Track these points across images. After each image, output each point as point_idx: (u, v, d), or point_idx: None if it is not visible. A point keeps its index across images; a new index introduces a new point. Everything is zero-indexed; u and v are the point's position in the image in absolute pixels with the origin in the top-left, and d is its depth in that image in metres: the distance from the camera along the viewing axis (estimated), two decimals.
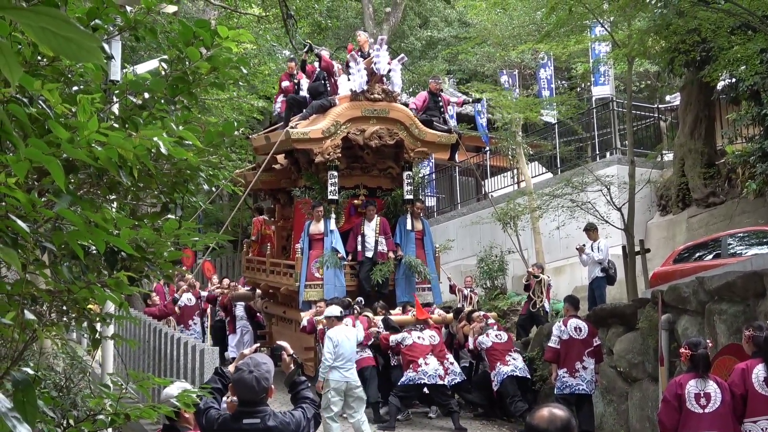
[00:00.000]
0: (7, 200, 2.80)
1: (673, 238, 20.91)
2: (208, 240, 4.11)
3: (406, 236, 18.04)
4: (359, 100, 17.66)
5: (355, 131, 17.61)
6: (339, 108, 17.70)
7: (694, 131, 21.25)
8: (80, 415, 5.56)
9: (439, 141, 18.61)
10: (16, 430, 2.11)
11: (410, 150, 18.09)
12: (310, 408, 5.95)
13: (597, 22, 20.32)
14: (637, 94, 28.71)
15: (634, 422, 13.40)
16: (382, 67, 17.48)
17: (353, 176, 18.59)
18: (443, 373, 14.75)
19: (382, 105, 17.73)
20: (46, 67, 3.56)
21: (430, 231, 19.33)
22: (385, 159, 18.68)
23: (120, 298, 3.66)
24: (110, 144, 2.90)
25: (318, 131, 17.30)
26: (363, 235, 17.67)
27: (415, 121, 18.09)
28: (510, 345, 15.45)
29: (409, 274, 17.70)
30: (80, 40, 1.62)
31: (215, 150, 4.18)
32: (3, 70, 1.72)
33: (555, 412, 3.89)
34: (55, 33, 1.61)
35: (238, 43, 3.98)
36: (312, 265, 17.33)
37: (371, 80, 17.61)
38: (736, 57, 15.67)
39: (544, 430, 3.81)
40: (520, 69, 27.80)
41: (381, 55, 17.48)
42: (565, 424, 3.84)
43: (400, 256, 17.70)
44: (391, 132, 17.81)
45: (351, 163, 18.50)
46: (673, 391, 8.43)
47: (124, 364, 13.40)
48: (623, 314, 14.12)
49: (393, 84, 17.99)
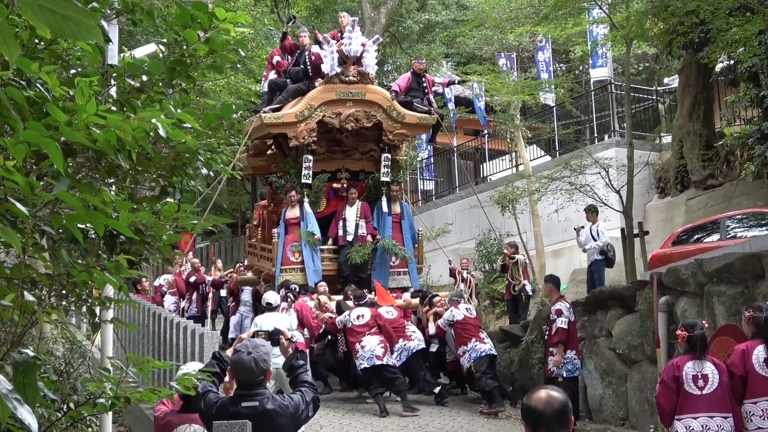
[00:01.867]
0: (6, 183, 2.80)
1: (672, 220, 20.91)
2: (206, 223, 4.10)
3: (382, 219, 18.01)
4: (334, 83, 17.57)
5: (330, 114, 17.51)
6: (313, 92, 17.64)
7: (692, 113, 21.23)
8: (80, 399, 5.55)
9: (419, 122, 18.47)
10: (17, 411, 2.11)
11: (389, 132, 17.95)
12: (309, 391, 5.94)
13: (595, 4, 20.32)
14: (635, 77, 28.70)
15: (633, 404, 13.44)
16: (353, 49, 17.39)
17: (334, 160, 18.52)
18: (381, 353, 14.49)
19: (358, 87, 17.65)
20: (44, 50, 3.55)
21: (410, 214, 19.19)
22: (366, 142, 18.56)
23: (119, 281, 3.66)
24: (109, 126, 2.89)
25: (291, 115, 17.24)
26: (344, 219, 17.69)
27: (393, 103, 17.97)
28: (480, 322, 15.45)
29: (386, 257, 17.65)
30: (79, 18, 1.61)
31: (214, 133, 4.18)
32: (1, 49, 1.71)
33: (552, 393, 3.89)
34: (53, 11, 1.60)
35: (236, 25, 3.96)
36: (287, 249, 17.33)
37: (345, 63, 17.54)
38: (734, 39, 15.64)
39: (541, 411, 3.81)
40: (518, 52, 27.74)
41: (354, 37, 17.42)
42: (563, 406, 3.84)
43: (377, 240, 17.65)
44: (368, 114, 17.72)
45: (331, 146, 18.44)
46: (670, 374, 8.42)
47: (123, 348, 13.41)
48: (622, 296, 14.12)
49: (367, 66, 17.81)
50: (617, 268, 18.43)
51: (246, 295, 19.26)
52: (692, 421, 8.15)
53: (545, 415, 3.79)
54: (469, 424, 13.61)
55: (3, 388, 2.14)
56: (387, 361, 14.54)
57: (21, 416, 2.13)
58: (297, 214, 17.46)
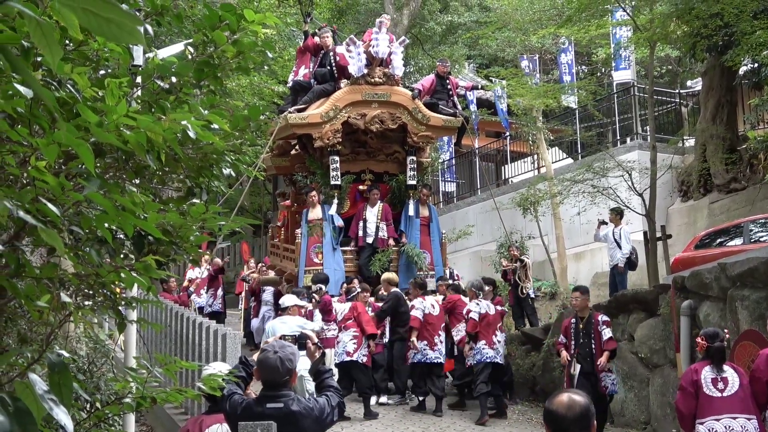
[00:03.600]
0: (37, 184, 2.81)
1: (695, 223, 20.83)
2: (233, 225, 4.11)
3: (410, 222, 17.94)
4: (359, 84, 17.54)
5: (355, 116, 17.51)
6: (339, 92, 17.63)
7: (715, 116, 21.13)
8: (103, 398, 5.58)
9: (444, 125, 18.43)
10: (52, 411, 2.13)
11: (414, 134, 17.93)
12: (335, 396, 5.95)
13: (618, 7, 20.23)
14: (658, 79, 28.59)
15: (655, 408, 13.39)
16: (381, 50, 17.34)
17: (358, 161, 18.51)
18: (353, 349, 14.36)
19: (384, 89, 17.63)
20: (73, 51, 3.56)
21: (437, 217, 19.20)
22: (391, 143, 18.52)
23: (148, 281, 3.67)
24: (139, 127, 2.90)
25: (316, 116, 17.25)
26: (365, 220, 17.58)
27: (418, 105, 17.94)
28: (499, 319, 14.70)
29: (410, 261, 17.58)
30: (121, 21, 1.62)
31: (241, 134, 4.19)
32: (43, 50, 1.72)
33: (574, 397, 3.88)
34: (96, 14, 1.61)
35: (264, 26, 3.97)
36: (311, 250, 17.31)
37: (372, 64, 17.50)
38: (759, 41, 15.57)
39: (562, 415, 3.80)
40: (540, 54, 27.69)
41: (380, 38, 17.35)
42: (584, 410, 3.83)
43: (403, 243, 17.58)
44: (393, 116, 17.70)
45: (356, 148, 18.43)
46: (689, 378, 8.39)
47: (146, 347, 13.45)
48: (644, 300, 14.09)
49: (393, 68, 17.80)
50: (640, 272, 18.39)
51: (267, 294, 19.26)
52: (715, 422, 8.10)
53: (567, 419, 3.79)
54: (490, 428, 13.60)
55: (39, 389, 2.15)
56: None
57: (57, 417, 2.14)
58: (319, 215, 17.45)
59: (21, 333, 6.11)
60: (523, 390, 16.08)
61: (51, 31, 1.72)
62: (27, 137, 2.77)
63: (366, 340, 14.54)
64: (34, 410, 2.13)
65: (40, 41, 1.73)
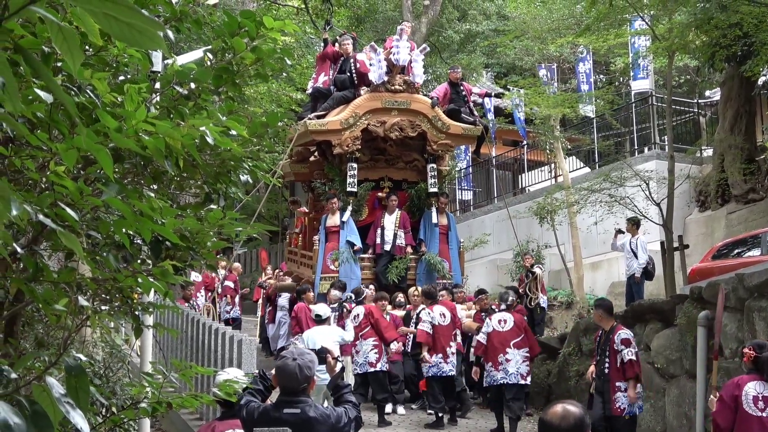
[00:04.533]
0: (56, 188, 2.82)
1: (712, 234, 20.75)
2: (251, 231, 4.12)
3: (431, 231, 17.83)
4: (380, 91, 17.50)
5: (375, 123, 17.46)
6: (359, 99, 17.58)
7: (734, 127, 21.06)
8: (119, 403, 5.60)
9: (464, 133, 18.37)
10: (69, 415, 2.14)
11: (433, 142, 17.86)
12: (353, 410, 5.96)
13: (637, 16, 20.20)
14: (676, 89, 28.51)
15: (671, 419, 13.32)
16: (401, 58, 17.27)
17: (377, 168, 18.45)
18: (375, 359, 14.24)
19: (404, 96, 17.57)
20: (93, 56, 3.57)
21: (455, 226, 19.14)
22: (410, 151, 18.48)
23: (165, 287, 3.68)
24: (158, 133, 2.91)
25: (336, 122, 17.20)
26: (382, 227, 17.47)
27: (438, 113, 17.88)
28: (512, 335, 13.53)
29: (431, 270, 17.46)
30: (143, 27, 1.62)
31: (259, 141, 4.20)
32: (65, 55, 1.73)
33: (569, 408, 3.87)
34: (118, 19, 1.61)
35: (283, 33, 3.98)
36: (327, 257, 17.23)
37: (392, 71, 17.45)
38: None
39: (556, 426, 3.79)
40: (558, 63, 27.66)
41: (401, 45, 17.28)
42: (578, 421, 3.81)
43: (423, 252, 17.48)
44: (413, 124, 17.64)
45: (375, 155, 18.38)
46: (730, 392, 8.19)
47: (162, 353, 13.47)
48: (661, 310, 14.02)
49: (415, 76, 17.75)
50: (657, 282, 18.33)
51: (283, 300, 19.26)
52: None
53: (560, 429, 3.78)
54: None
55: (56, 392, 2.16)
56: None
57: (73, 420, 2.15)
58: (337, 222, 17.36)
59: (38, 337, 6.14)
60: (539, 399, 16.01)
61: (72, 36, 1.73)
62: (46, 142, 2.78)
63: (386, 347, 14.47)
64: (50, 414, 2.14)
65: (62, 46, 1.74)
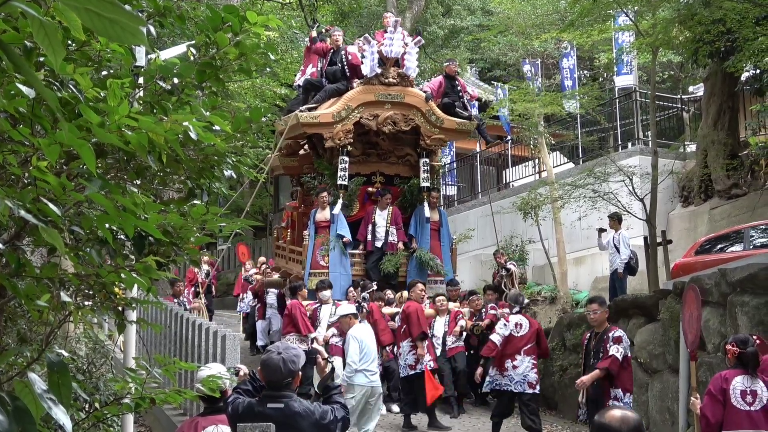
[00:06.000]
0: (39, 184, 2.82)
1: (695, 229, 20.82)
2: (234, 226, 4.12)
3: (422, 226, 17.67)
4: (372, 84, 17.31)
5: (368, 116, 17.27)
6: (351, 92, 17.39)
7: (717, 122, 21.12)
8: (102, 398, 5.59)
9: (458, 128, 18.17)
10: (51, 411, 2.14)
11: (427, 137, 17.70)
12: (341, 410, 5.98)
13: (621, 12, 20.26)
14: (659, 85, 28.57)
15: (654, 413, 13.37)
16: (394, 50, 17.08)
17: (369, 163, 18.29)
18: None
19: (397, 89, 17.38)
20: (76, 51, 3.56)
21: (447, 222, 19.03)
22: (403, 146, 18.32)
23: (148, 282, 3.67)
24: (141, 128, 2.91)
25: (328, 115, 17.00)
26: (374, 224, 17.33)
27: (432, 107, 17.70)
28: (524, 341, 12.56)
29: (422, 266, 17.36)
30: (124, 22, 1.62)
31: (242, 136, 4.20)
32: (47, 51, 1.73)
33: (627, 413, 3.89)
34: (99, 14, 1.61)
35: (266, 28, 3.98)
36: (317, 252, 17.08)
37: (385, 64, 17.33)
38: (761, 48, 15.59)
39: (616, 429, 3.78)
40: (542, 58, 27.64)
41: (394, 38, 17.09)
42: (637, 424, 3.82)
43: (414, 248, 17.36)
44: (406, 117, 17.45)
45: (367, 149, 18.23)
46: (718, 386, 8.18)
47: (146, 348, 13.44)
48: (644, 305, 14.08)
49: (408, 68, 17.46)
50: (640, 277, 18.39)
51: (271, 297, 19.21)
52: None
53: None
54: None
55: (38, 388, 2.16)
56: None
57: (55, 416, 2.15)
58: (327, 216, 17.21)
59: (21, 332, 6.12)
60: None
61: (54, 31, 1.73)
62: (29, 137, 2.77)
63: (382, 350, 14.40)
64: (33, 409, 2.14)
65: (43, 41, 1.74)
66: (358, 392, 11.38)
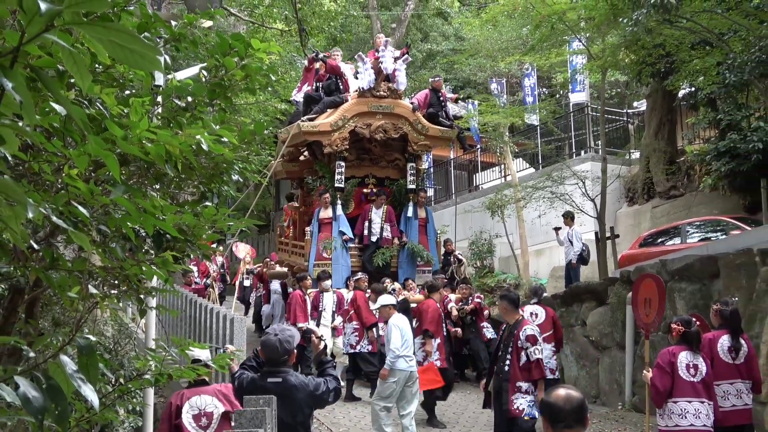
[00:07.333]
0: (70, 189, 2.81)
1: (639, 225, 20.87)
2: (240, 225, 4.11)
3: (409, 223, 17.71)
4: (366, 96, 17.36)
5: (361, 125, 17.29)
6: (347, 104, 17.41)
7: (658, 133, 21.18)
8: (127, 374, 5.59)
9: (441, 135, 18.25)
10: (80, 389, 2.13)
11: (414, 143, 17.76)
12: (332, 382, 5.99)
13: (575, 38, 20.28)
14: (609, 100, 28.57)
15: (604, 384, 13.42)
16: (387, 66, 17.14)
17: (363, 166, 18.31)
18: (355, 342, 14.29)
19: (388, 101, 17.43)
20: (102, 73, 3.55)
21: (433, 219, 19.05)
22: (393, 151, 18.35)
23: (166, 274, 3.67)
24: (159, 141, 2.90)
25: (327, 124, 17.03)
26: (370, 220, 17.35)
27: (419, 117, 17.75)
28: (542, 329, 11.33)
29: (412, 257, 17.44)
30: (143, 52, 1.62)
31: (248, 146, 4.20)
32: (75, 77, 1.72)
33: (571, 392, 3.79)
34: (121, 45, 1.60)
35: (268, 53, 3.97)
36: (320, 245, 17.11)
37: (378, 78, 17.34)
38: (695, 69, 15.70)
39: (560, 407, 3.70)
40: (507, 78, 27.65)
41: (386, 55, 17.15)
42: (581, 403, 3.74)
43: (404, 242, 17.40)
44: (395, 126, 17.49)
45: (361, 154, 18.22)
46: (666, 359, 8.16)
47: (164, 330, 13.40)
48: (595, 291, 14.13)
49: (398, 83, 17.52)
50: (591, 266, 18.43)
51: (275, 285, 19.19)
52: (687, 404, 7.97)
53: (564, 411, 3.69)
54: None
55: (69, 369, 2.16)
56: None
57: (84, 393, 2.15)
58: (330, 214, 17.27)
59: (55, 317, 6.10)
60: None
61: (81, 60, 1.72)
62: (61, 149, 2.76)
63: (366, 331, 14.36)
64: (64, 387, 2.13)
65: (72, 68, 1.73)
66: (399, 376, 10.75)
